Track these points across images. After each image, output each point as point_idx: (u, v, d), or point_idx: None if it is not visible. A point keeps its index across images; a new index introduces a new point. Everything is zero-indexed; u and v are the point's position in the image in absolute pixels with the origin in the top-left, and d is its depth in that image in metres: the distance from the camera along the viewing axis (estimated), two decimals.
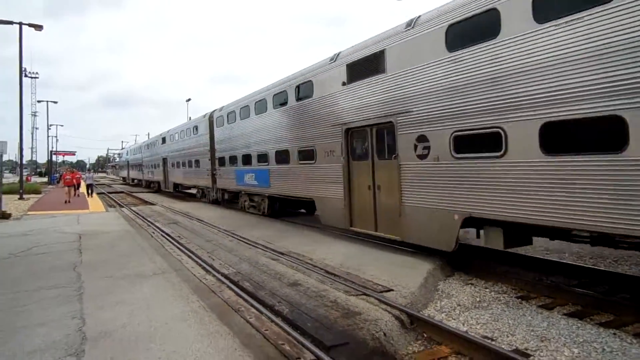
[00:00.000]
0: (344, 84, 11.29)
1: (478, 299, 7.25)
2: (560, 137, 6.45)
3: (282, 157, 14.97)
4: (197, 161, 25.35)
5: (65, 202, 25.49)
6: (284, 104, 14.77)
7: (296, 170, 14.00)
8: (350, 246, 10.90)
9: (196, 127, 25.51)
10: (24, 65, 30.41)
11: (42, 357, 4.93)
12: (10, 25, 28.25)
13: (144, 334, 5.53)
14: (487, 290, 7.73)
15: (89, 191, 32.59)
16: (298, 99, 13.89)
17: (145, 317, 6.11)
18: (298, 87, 13.85)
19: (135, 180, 52.94)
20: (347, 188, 11.43)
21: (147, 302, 6.81)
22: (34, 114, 74.69)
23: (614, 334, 5.75)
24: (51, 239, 12.95)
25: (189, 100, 59.82)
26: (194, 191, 30.66)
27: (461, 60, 7.83)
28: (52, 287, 7.78)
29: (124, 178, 65.72)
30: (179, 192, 34.40)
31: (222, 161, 21.17)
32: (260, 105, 16.62)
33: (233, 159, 19.63)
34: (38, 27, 29.07)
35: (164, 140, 34.23)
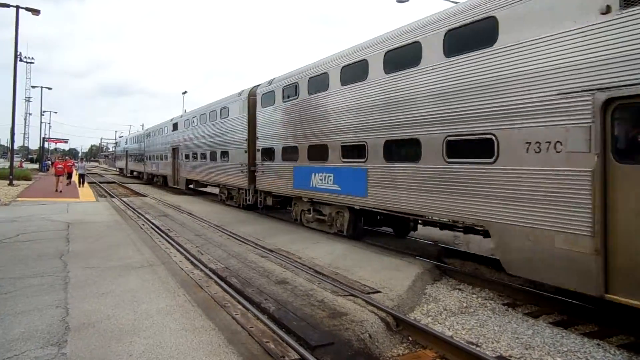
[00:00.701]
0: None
1: (465, 305, 7.27)
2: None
3: (401, 151, 9.74)
4: (224, 153, 20.01)
5: (56, 190, 24.76)
6: (415, 59, 9.09)
7: (441, 174, 8.40)
8: (341, 246, 10.89)
9: (225, 109, 20.00)
10: (19, 50, 30.10)
11: (24, 346, 4.87)
12: (7, 9, 27.97)
13: (128, 327, 5.48)
14: (475, 296, 7.74)
15: (81, 181, 31.38)
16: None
17: (130, 310, 6.06)
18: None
19: (135, 173, 47.49)
20: (602, 213, 5.79)
21: (133, 294, 6.76)
22: (28, 100, 73.95)
23: (598, 344, 5.78)
24: (39, 227, 12.83)
25: (185, 93, 59.65)
26: (213, 190, 26.82)
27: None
28: (38, 275, 7.70)
29: (120, 169, 59.76)
30: (192, 190, 29.01)
31: (268, 153, 15.91)
32: (355, 70, 11.06)
33: (289, 152, 14.33)
34: (35, 12, 28.78)
35: (175, 126, 28.90)
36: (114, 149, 69.35)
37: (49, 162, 59.61)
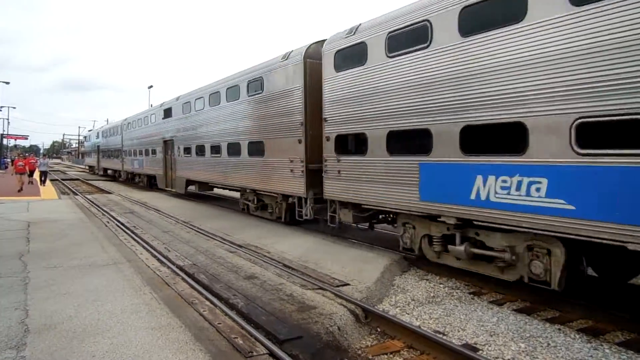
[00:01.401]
0: None
1: (432, 294, 7.38)
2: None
3: None
4: (255, 144, 14.09)
5: (19, 190, 22.99)
6: None
7: None
8: (310, 240, 10.89)
9: (258, 82, 13.86)
10: None
11: None
12: None
13: (91, 327, 5.34)
14: (442, 285, 7.88)
15: (42, 179, 29.48)
16: None
17: (94, 309, 5.91)
18: None
19: (110, 171, 39.97)
20: None
21: (96, 293, 6.58)
22: None
23: (559, 329, 5.97)
24: None
25: (151, 87, 58.34)
26: (225, 192, 21.48)
27: None
28: None
29: (91, 167, 50.87)
30: (194, 195, 23.17)
31: (352, 144, 10.57)
32: None
33: (406, 138, 8.62)
34: None
35: (167, 112, 22.62)
36: (82, 144, 62.71)
37: (8, 160, 57.33)
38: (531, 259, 6.65)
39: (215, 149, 16.96)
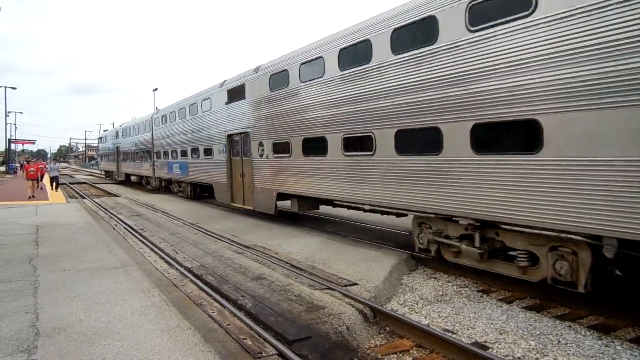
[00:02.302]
0: None
1: (440, 293, 7.36)
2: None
3: None
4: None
5: (30, 197, 22.02)
6: None
7: None
8: (317, 240, 10.89)
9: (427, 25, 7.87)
10: None
11: None
12: None
13: (101, 329, 5.37)
14: (450, 284, 7.85)
15: (53, 184, 28.04)
16: None
17: (103, 312, 5.94)
18: None
19: (134, 178, 33.06)
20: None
21: (105, 296, 6.61)
22: None
23: (569, 326, 5.94)
24: (6, 231, 12.43)
25: (155, 90, 58.47)
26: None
27: None
28: (5, 280, 7.47)
29: (108, 173, 44.15)
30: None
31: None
32: None
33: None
34: None
35: (235, 94, 15.70)
36: (90, 147, 53.39)
37: (17, 165, 57.74)
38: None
39: (361, 143, 9.63)
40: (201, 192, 21.61)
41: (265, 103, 13.53)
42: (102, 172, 49.37)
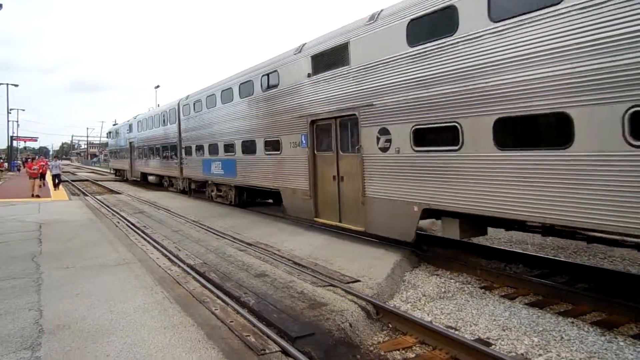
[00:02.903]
0: None
1: (443, 290, 7.36)
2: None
3: None
4: None
5: (32, 195, 21.56)
6: None
7: None
8: (319, 237, 10.89)
9: None
10: None
11: None
12: None
13: (104, 326, 5.38)
14: (452, 280, 7.85)
15: (56, 182, 27.34)
16: None
17: (107, 309, 5.95)
18: None
19: (153, 178, 28.72)
20: None
21: (109, 293, 6.63)
22: None
23: (572, 322, 5.93)
24: (9, 228, 12.47)
25: (157, 87, 58.55)
26: None
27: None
28: (9, 277, 7.49)
29: (118, 172, 40.43)
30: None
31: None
32: None
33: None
34: None
35: (324, 61, 11.15)
36: (92, 144, 43.65)
37: (19, 162, 57.82)
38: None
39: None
40: (249, 198, 17.32)
41: (397, 66, 8.82)
42: (112, 171, 44.95)
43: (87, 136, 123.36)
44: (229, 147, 16.50)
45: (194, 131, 20.06)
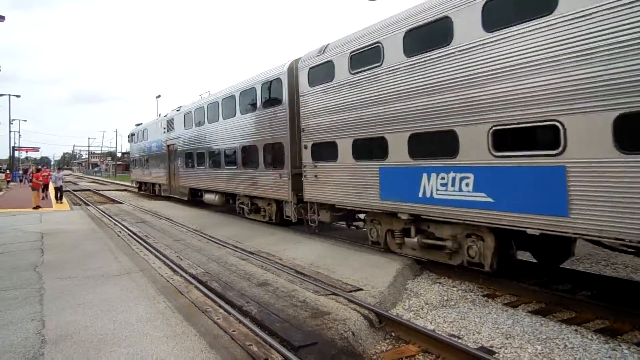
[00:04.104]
0: None
1: (446, 298, 7.34)
2: None
3: None
4: None
5: (36, 207, 20.91)
6: None
7: None
8: (321, 246, 10.89)
9: None
10: None
11: None
12: None
13: (107, 336, 5.37)
14: (455, 288, 7.83)
15: (58, 195, 25.33)
16: None
17: (109, 319, 5.94)
18: None
19: (214, 197, 18.68)
20: None
21: (111, 303, 6.62)
22: None
23: (576, 330, 5.91)
24: (11, 238, 12.47)
25: (159, 97, 58.78)
26: None
27: None
28: (11, 288, 7.49)
29: (143, 185, 31.66)
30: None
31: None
32: None
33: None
34: None
35: None
36: (129, 143, 34.19)
37: (20, 172, 57.86)
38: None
39: None
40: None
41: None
42: (134, 184, 34.97)
43: (89, 146, 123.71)
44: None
45: (347, 113, 10.39)
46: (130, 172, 38.20)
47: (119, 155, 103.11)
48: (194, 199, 21.96)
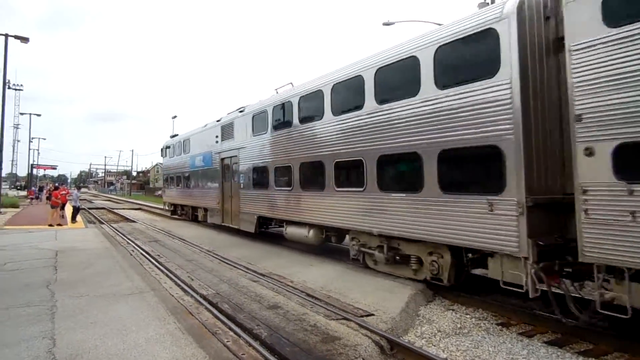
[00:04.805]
0: None
1: (459, 325, 7.21)
2: None
3: None
4: None
5: (56, 224, 21.12)
6: None
7: None
8: (333, 269, 10.81)
9: None
10: (7, 77, 30.19)
11: None
12: None
13: (116, 356, 5.36)
14: (468, 316, 7.69)
15: (74, 215, 24.71)
16: None
17: (119, 339, 5.94)
18: None
19: (300, 231, 12.84)
20: None
21: (121, 322, 6.62)
22: (16, 127, 73.33)
23: None
24: (26, 255, 12.61)
25: (174, 117, 59.65)
26: None
27: None
28: (24, 305, 7.54)
29: (179, 209, 26.47)
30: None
31: None
32: None
33: None
34: (24, 40, 28.94)
35: None
36: (162, 157, 29.53)
37: (37, 189, 58.69)
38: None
39: None
40: None
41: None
42: (167, 206, 28.79)
43: (105, 165, 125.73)
44: None
45: None
46: (162, 193, 31.77)
47: (134, 174, 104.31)
48: (263, 230, 16.42)
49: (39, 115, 60.91)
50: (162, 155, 29.41)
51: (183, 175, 24.15)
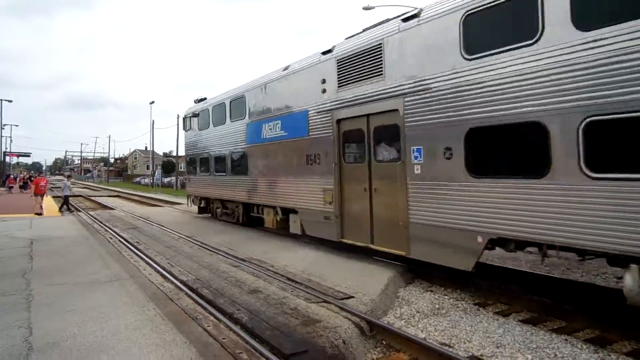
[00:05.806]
0: None
1: (437, 306, 7.34)
2: None
3: None
4: None
5: (38, 214, 20.57)
6: None
7: None
8: (313, 253, 10.86)
9: None
10: None
11: None
12: None
13: (95, 344, 5.31)
14: (446, 297, 7.83)
15: (65, 206, 23.71)
16: None
17: (98, 326, 5.88)
18: None
19: None
20: None
21: (100, 310, 6.55)
22: None
23: (566, 339, 5.92)
24: (0, 244, 12.33)
25: (152, 103, 58.57)
26: None
27: None
28: None
29: (208, 202, 19.08)
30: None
31: None
32: None
33: None
34: None
35: None
36: (190, 123, 18.91)
37: (11, 176, 57.13)
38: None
39: None
40: None
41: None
42: (191, 202, 21.03)
43: (81, 152, 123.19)
44: None
45: None
46: (186, 182, 22.47)
47: (112, 161, 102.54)
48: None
49: (10, 101, 59.17)
50: (184, 128, 20.78)
51: (232, 154, 16.09)
